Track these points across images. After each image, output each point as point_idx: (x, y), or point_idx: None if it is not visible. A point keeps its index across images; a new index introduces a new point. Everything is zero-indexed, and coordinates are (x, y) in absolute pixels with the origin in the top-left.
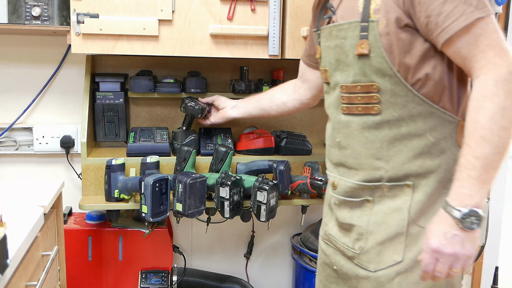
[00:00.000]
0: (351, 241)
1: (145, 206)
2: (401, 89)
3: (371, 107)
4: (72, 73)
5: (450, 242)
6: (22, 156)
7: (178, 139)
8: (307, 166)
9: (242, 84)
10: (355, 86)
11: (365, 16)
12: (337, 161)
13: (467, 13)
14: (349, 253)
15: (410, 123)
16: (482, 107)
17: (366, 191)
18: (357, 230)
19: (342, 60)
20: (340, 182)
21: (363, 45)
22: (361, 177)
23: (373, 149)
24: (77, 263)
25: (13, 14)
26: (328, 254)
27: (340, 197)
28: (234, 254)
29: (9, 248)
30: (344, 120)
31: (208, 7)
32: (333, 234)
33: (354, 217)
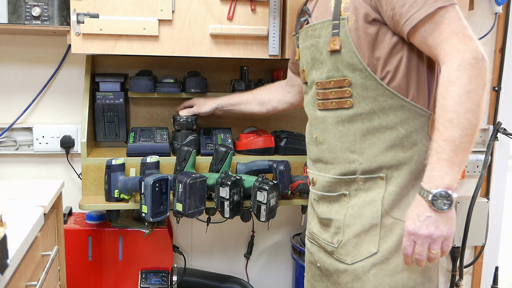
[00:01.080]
0: (330, 235)
1: (145, 206)
2: (372, 82)
3: (344, 101)
4: (72, 73)
5: (424, 224)
6: (22, 156)
7: (178, 139)
8: None
9: (242, 84)
10: (329, 81)
11: (336, 14)
12: (315, 157)
13: (429, 2)
14: (329, 248)
15: (381, 116)
16: (448, 92)
17: (342, 185)
18: (335, 224)
19: (317, 58)
20: (319, 178)
21: (335, 42)
22: (337, 170)
23: (347, 142)
24: (77, 263)
25: (13, 14)
26: (312, 252)
27: (318, 193)
28: (234, 254)
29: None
30: (320, 115)
31: (208, 7)
32: (315, 231)
33: (332, 212)
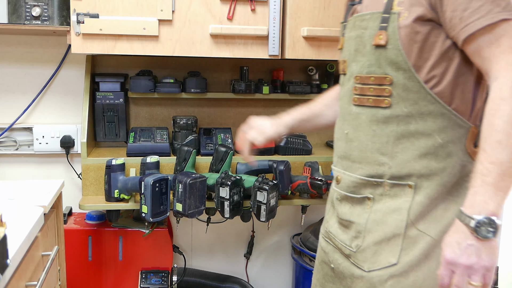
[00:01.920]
0: (349, 238)
1: (145, 206)
2: (414, 84)
3: (381, 100)
4: (72, 73)
5: (465, 253)
6: (22, 156)
7: (178, 139)
8: (307, 166)
9: (242, 84)
10: (369, 77)
11: (388, 7)
12: (343, 153)
13: (493, 12)
14: (346, 251)
15: (419, 121)
16: (498, 110)
17: (367, 187)
18: (356, 227)
19: (360, 50)
20: (344, 176)
21: (381, 36)
22: (364, 171)
23: (379, 143)
24: (77, 263)
25: (13, 14)
26: (327, 252)
27: (342, 192)
28: (234, 254)
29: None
30: (355, 111)
31: (208, 7)
32: (333, 231)
33: (354, 214)
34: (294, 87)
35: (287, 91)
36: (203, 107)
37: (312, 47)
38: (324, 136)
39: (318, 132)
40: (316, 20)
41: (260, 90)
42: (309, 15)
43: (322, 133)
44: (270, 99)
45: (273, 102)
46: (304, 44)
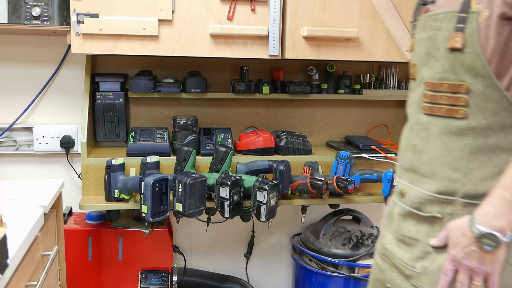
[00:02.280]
0: (412, 258)
1: (145, 206)
2: (494, 93)
3: (456, 110)
4: (72, 73)
5: (468, 256)
6: (22, 156)
7: (178, 139)
8: (307, 166)
9: (242, 84)
10: (441, 84)
11: (465, 5)
12: (409, 166)
13: None
14: (406, 271)
15: (500, 134)
16: None
17: (436, 205)
18: (423, 247)
19: (432, 54)
20: (410, 190)
21: (457, 38)
22: (433, 187)
23: (451, 157)
24: (77, 263)
25: (13, 14)
26: (383, 269)
27: (406, 208)
28: (234, 254)
29: (9, 248)
30: (424, 121)
31: (208, 7)
32: (390, 248)
33: (421, 232)
34: (294, 87)
35: (287, 91)
36: (203, 107)
37: (312, 47)
38: (324, 136)
39: (318, 132)
40: (316, 20)
41: (260, 90)
42: (309, 15)
43: (322, 133)
44: (270, 99)
45: (273, 102)
46: (304, 44)
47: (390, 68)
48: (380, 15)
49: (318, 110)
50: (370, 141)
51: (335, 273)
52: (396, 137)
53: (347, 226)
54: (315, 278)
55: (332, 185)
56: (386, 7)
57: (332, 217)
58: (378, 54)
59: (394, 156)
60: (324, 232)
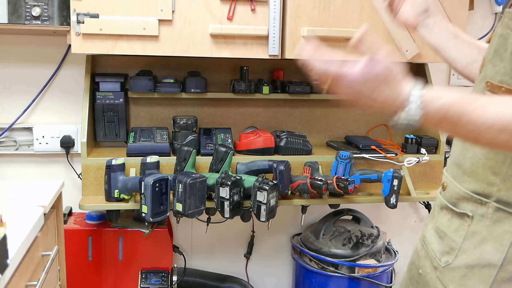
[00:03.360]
0: (441, 251)
1: (145, 206)
2: None
3: None
4: (72, 73)
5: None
6: (22, 156)
7: (178, 139)
8: (307, 166)
9: (242, 84)
10: (499, 86)
11: None
12: (455, 160)
13: None
14: (434, 262)
15: None
16: None
17: (470, 203)
18: (450, 243)
19: (500, 53)
20: (450, 185)
21: None
22: (471, 186)
23: (493, 161)
24: (77, 263)
25: (13, 14)
26: (420, 255)
27: (443, 201)
28: (234, 254)
29: (9, 248)
30: None
31: (208, 7)
32: (427, 237)
33: (451, 228)
34: (294, 87)
35: (287, 91)
36: (203, 107)
37: None
38: (324, 136)
39: (318, 132)
40: (316, 20)
41: (260, 90)
42: (309, 15)
43: (322, 133)
44: (270, 99)
45: (273, 102)
46: None
47: None
48: (380, 15)
49: (318, 110)
50: (370, 141)
51: (335, 273)
52: (396, 137)
53: (347, 226)
54: (315, 278)
55: (332, 185)
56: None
57: (332, 217)
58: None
59: (394, 156)
60: (324, 232)
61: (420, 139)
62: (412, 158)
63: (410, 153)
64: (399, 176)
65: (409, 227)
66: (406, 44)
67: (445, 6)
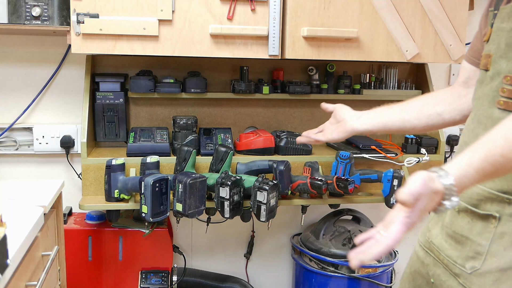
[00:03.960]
0: (463, 257)
1: (145, 206)
2: None
3: None
4: (72, 73)
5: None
6: (22, 156)
7: (178, 139)
8: (307, 166)
9: (242, 84)
10: None
11: None
12: None
13: None
14: (455, 269)
15: None
16: None
17: (495, 203)
18: (475, 247)
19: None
20: None
21: None
22: (496, 184)
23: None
24: (77, 263)
25: (13, 14)
26: (426, 263)
27: (462, 203)
28: (234, 254)
29: (9, 248)
30: (497, 116)
31: (208, 7)
32: (437, 243)
33: (474, 231)
34: (294, 87)
35: (287, 91)
36: (203, 107)
37: (312, 47)
38: None
39: None
40: (316, 20)
41: (260, 90)
42: (309, 15)
43: None
44: (270, 99)
45: (273, 102)
46: (304, 44)
47: (390, 68)
48: (380, 15)
49: (318, 110)
50: (370, 141)
51: (335, 273)
52: (396, 137)
53: (347, 226)
54: (315, 278)
55: (332, 185)
56: (386, 7)
57: (332, 217)
58: (378, 54)
59: (394, 156)
60: (324, 232)
61: (420, 139)
62: (412, 158)
63: (410, 153)
64: (399, 176)
65: None
66: (406, 44)
67: (445, 6)
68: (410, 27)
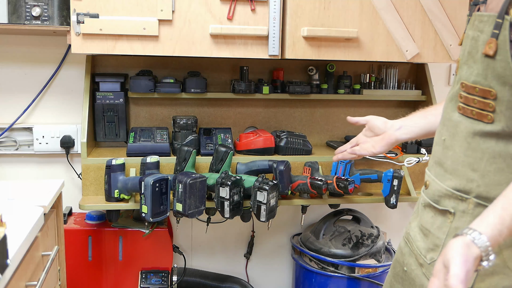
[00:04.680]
0: (426, 248)
1: (145, 206)
2: None
3: (485, 115)
4: (72, 73)
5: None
6: (22, 156)
7: (178, 139)
8: (307, 166)
9: (242, 84)
10: (474, 87)
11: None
12: (437, 159)
13: None
14: (420, 259)
15: None
16: None
17: (452, 200)
18: (434, 239)
19: (473, 55)
20: (432, 183)
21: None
22: (452, 183)
23: (472, 157)
24: (77, 263)
25: (13, 14)
26: (403, 253)
27: (426, 199)
28: (234, 254)
29: (9, 248)
30: (456, 119)
31: (208, 7)
32: (412, 235)
33: (435, 226)
34: (294, 87)
35: (287, 91)
36: (203, 107)
37: (312, 47)
38: (324, 136)
39: (318, 132)
40: (316, 20)
41: (260, 90)
42: (309, 15)
43: (322, 133)
44: (270, 99)
45: (273, 102)
46: (304, 44)
47: (390, 68)
48: (380, 15)
49: (318, 110)
50: None
51: (335, 273)
52: None
53: (347, 226)
54: (315, 278)
55: (332, 185)
56: (386, 7)
57: (332, 217)
58: (378, 54)
59: (394, 156)
60: (324, 232)
61: (420, 139)
62: (412, 158)
63: (410, 153)
64: (399, 176)
65: None
66: (406, 44)
67: (445, 6)
68: (410, 27)
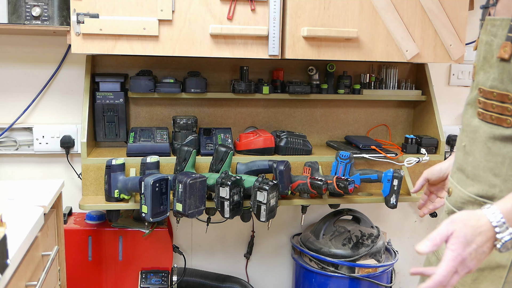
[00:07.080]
0: None
1: (145, 206)
2: None
3: (504, 119)
4: (72, 73)
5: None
6: (22, 156)
7: (178, 139)
8: (307, 166)
9: (242, 84)
10: (491, 92)
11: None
12: (459, 166)
13: None
14: None
15: None
16: None
17: (475, 206)
18: None
19: (488, 60)
20: (455, 190)
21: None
22: (475, 189)
23: (493, 162)
24: (77, 263)
25: (13, 14)
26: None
27: (450, 207)
28: (234, 254)
29: (9, 248)
30: (475, 124)
31: (208, 7)
32: None
33: None
34: (294, 87)
35: (287, 91)
36: (203, 107)
37: (312, 47)
38: (324, 136)
39: (318, 132)
40: (316, 20)
41: (260, 90)
42: (309, 15)
43: (322, 133)
44: (270, 99)
45: (273, 102)
46: (304, 44)
47: (390, 68)
48: (380, 15)
49: (318, 110)
50: (370, 141)
51: (335, 273)
52: (396, 137)
53: (347, 226)
54: (315, 278)
55: (332, 185)
56: (386, 7)
57: (332, 217)
58: (378, 54)
59: (394, 156)
60: (324, 232)
61: (420, 139)
62: (412, 158)
63: (410, 153)
64: (399, 176)
65: (409, 227)
66: (406, 44)
67: (445, 6)
68: (410, 27)
